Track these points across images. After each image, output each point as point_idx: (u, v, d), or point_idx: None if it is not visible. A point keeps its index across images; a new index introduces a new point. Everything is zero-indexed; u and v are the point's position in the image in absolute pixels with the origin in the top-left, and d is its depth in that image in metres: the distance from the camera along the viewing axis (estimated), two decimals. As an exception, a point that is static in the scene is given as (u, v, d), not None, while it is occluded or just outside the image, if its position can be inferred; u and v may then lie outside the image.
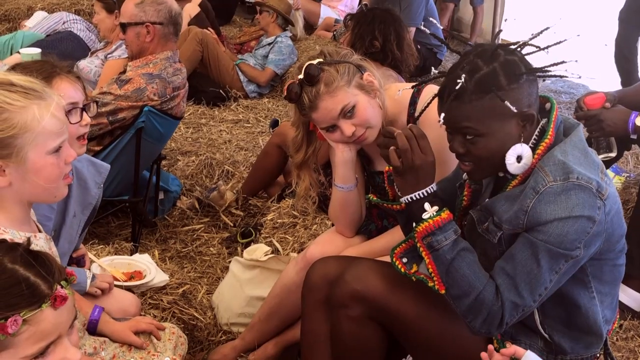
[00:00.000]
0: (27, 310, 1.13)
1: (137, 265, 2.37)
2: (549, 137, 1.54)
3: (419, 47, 4.27)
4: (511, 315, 1.53)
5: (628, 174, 3.49)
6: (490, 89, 1.48)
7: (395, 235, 2.12)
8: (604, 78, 5.74)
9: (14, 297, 1.13)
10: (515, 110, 1.47)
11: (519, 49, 1.55)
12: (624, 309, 2.55)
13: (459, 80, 1.48)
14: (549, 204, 1.47)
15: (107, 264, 2.30)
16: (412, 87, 1.87)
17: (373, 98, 2.00)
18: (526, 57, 1.56)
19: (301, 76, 1.95)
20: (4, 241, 1.26)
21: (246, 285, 2.54)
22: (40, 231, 1.60)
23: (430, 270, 1.57)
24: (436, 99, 1.58)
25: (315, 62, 1.95)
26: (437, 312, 1.68)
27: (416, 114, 1.97)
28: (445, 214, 1.57)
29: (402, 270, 1.66)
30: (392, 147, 1.60)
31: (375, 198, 1.81)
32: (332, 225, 2.34)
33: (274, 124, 3.83)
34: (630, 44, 4.18)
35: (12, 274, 1.15)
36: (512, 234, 1.55)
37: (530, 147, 1.54)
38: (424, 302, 1.65)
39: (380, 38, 3.06)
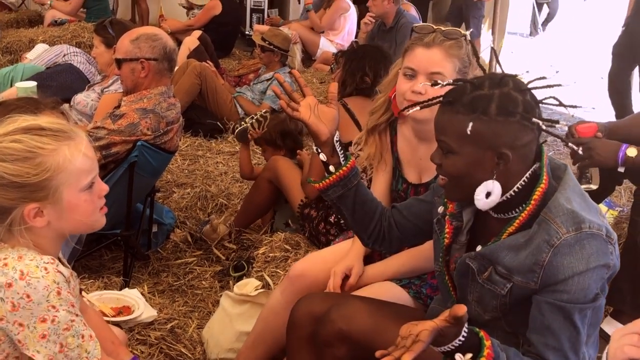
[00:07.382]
0: None
1: (125, 300, 2.38)
2: (544, 182, 1.53)
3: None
4: None
5: (621, 209, 3.48)
6: (477, 109, 1.47)
7: (387, 263, 2.14)
8: (601, 110, 5.77)
9: None
10: (470, 133, 1.45)
11: (531, 90, 1.52)
12: (615, 345, 2.53)
13: (456, 84, 1.52)
14: (565, 257, 1.46)
15: (95, 299, 2.30)
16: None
17: None
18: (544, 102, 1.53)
19: (444, 28, 1.97)
20: None
21: (236, 320, 2.53)
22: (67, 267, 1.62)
23: None
24: None
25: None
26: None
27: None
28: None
29: None
30: None
31: (313, 180, 1.79)
32: None
33: (242, 134, 3.58)
34: (622, 78, 4.22)
35: None
36: (522, 287, 1.52)
37: (516, 189, 1.53)
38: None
39: (371, 74, 3.10)
